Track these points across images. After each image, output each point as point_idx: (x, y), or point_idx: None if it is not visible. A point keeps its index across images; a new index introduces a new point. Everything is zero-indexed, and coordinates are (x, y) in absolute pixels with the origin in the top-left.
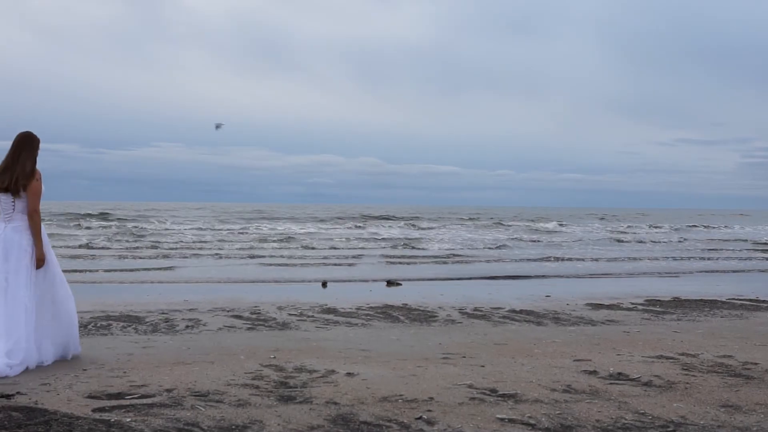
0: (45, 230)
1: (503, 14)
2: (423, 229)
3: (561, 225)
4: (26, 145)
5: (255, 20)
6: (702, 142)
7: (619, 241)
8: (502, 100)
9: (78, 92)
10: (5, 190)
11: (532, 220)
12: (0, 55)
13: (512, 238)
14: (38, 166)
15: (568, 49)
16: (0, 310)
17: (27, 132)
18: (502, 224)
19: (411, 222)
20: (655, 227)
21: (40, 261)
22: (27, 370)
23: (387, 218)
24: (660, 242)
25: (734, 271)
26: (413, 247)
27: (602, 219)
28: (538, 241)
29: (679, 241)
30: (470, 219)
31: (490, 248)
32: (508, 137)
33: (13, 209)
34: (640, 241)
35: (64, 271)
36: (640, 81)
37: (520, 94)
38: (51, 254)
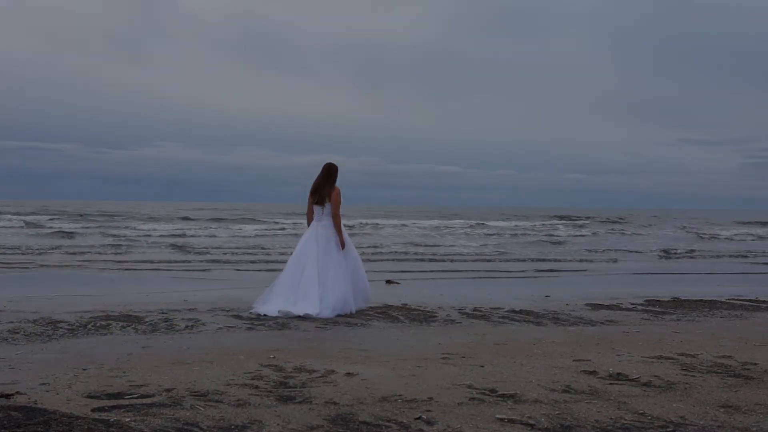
0: (345, 228)
1: (504, 13)
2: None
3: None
4: (331, 172)
5: (255, 19)
6: (703, 142)
7: None
8: (503, 99)
9: (78, 91)
10: (317, 204)
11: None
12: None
13: None
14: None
15: (569, 48)
16: (312, 275)
17: (331, 163)
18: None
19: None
20: None
21: (342, 245)
22: (337, 315)
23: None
24: None
25: None
26: None
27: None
28: None
29: None
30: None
31: None
32: (509, 137)
33: (322, 213)
34: None
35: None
36: (642, 81)
37: (521, 93)
38: (350, 241)
